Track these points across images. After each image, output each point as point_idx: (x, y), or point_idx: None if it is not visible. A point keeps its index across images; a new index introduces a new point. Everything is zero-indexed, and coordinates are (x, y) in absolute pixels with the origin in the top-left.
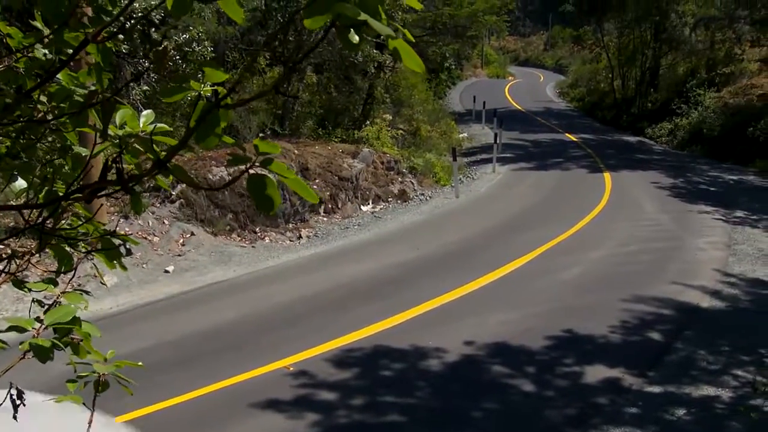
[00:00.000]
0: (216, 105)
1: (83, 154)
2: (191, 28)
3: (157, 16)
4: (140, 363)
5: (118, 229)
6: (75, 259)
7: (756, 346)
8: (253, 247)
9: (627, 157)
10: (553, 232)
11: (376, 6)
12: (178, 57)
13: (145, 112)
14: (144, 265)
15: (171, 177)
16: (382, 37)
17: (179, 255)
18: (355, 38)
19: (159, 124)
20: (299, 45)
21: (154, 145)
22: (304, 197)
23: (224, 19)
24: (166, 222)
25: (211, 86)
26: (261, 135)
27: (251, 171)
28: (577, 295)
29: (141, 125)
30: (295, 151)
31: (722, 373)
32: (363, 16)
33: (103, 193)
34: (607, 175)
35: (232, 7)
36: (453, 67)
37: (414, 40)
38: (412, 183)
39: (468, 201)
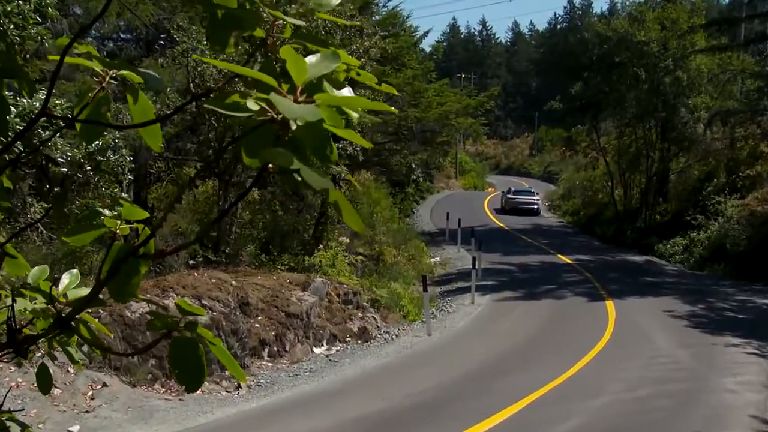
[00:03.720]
0: (132, 254)
1: None
2: (106, 133)
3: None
4: None
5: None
6: None
7: None
8: (180, 399)
9: (633, 281)
10: (545, 376)
11: (322, 143)
12: (89, 168)
13: (69, 272)
14: (41, 425)
15: (75, 338)
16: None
17: (87, 411)
18: (297, 178)
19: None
20: (237, 155)
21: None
22: (233, 374)
23: None
24: (71, 370)
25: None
26: (191, 262)
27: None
28: None
29: (61, 288)
30: (233, 283)
31: None
32: (296, 165)
33: None
34: (609, 304)
35: (152, 134)
36: (421, 178)
37: (361, 188)
38: (375, 319)
39: (442, 339)
